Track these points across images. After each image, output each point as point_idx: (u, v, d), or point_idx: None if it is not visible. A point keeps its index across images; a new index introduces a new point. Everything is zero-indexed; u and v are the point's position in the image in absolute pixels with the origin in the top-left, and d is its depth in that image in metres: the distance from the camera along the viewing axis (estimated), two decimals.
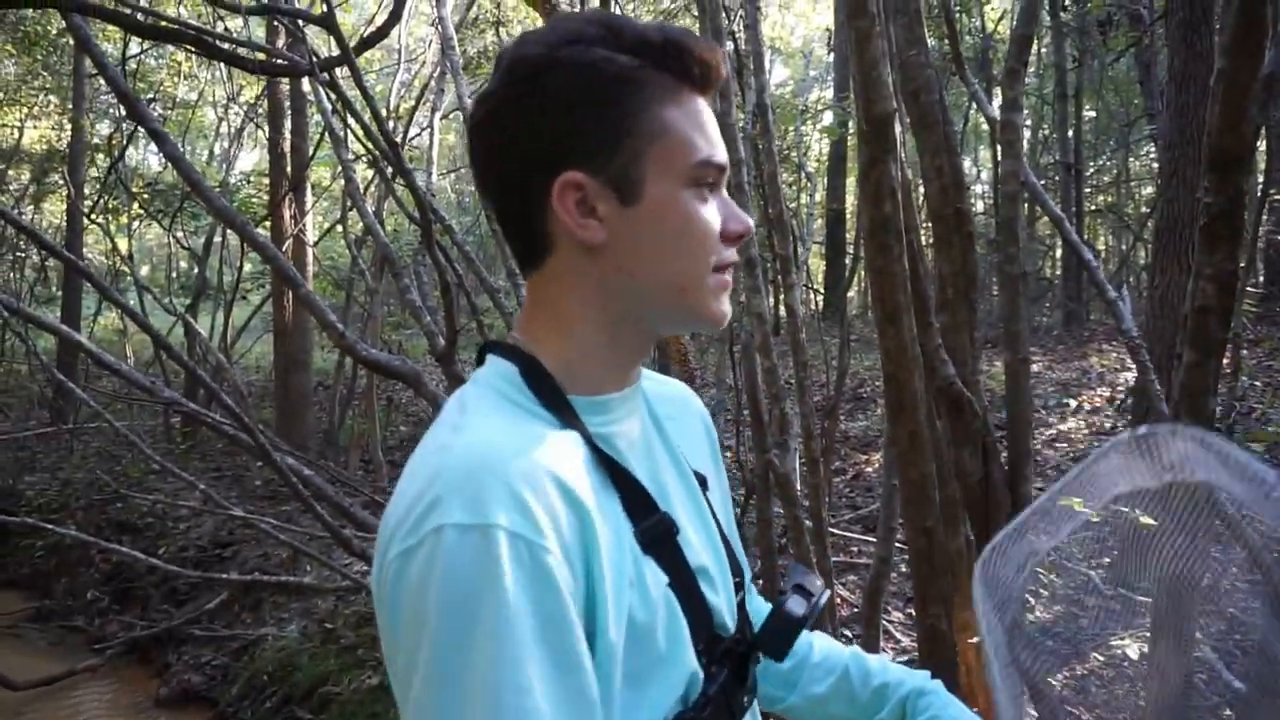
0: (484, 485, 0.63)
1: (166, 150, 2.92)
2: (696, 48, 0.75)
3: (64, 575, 5.62)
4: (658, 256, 0.76)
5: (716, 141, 0.77)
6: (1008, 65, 2.13)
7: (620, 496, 0.74)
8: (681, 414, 0.95)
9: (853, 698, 0.99)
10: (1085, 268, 2.25)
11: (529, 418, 0.73)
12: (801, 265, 4.95)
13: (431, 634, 0.61)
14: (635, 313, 0.78)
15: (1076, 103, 10.66)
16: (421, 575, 0.62)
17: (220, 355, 7.15)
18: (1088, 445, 5.99)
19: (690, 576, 0.76)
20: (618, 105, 0.73)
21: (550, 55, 0.73)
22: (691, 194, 0.76)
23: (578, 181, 0.74)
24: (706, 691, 0.75)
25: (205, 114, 12.40)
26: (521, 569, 0.62)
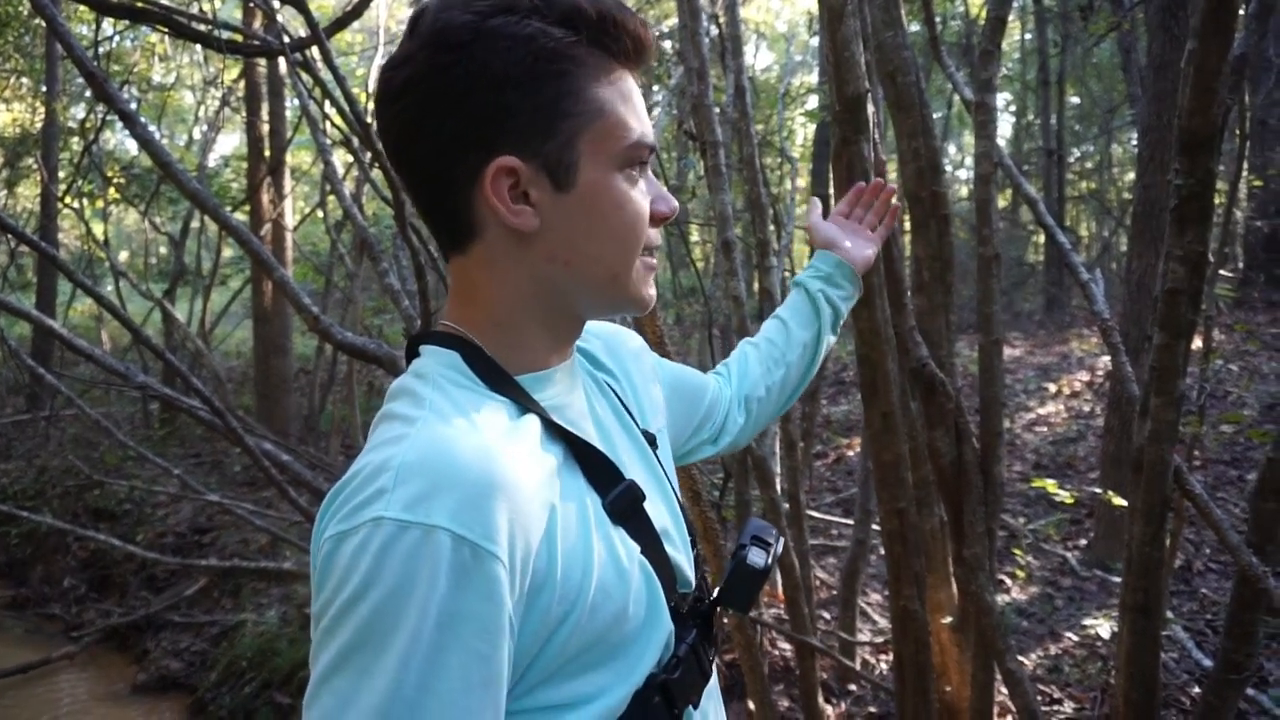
0: (435, 483, 0.61)
1: (136, 133, 2.86)
2: (630, 22, 0.72)
3: (40, 563, 5.57)
4: (592, 244, 0.73)
5: (646, 120, 0.75)
6: (981, 47, 2.12)
7: (582, 469, 0.73)
8: (625, 359, 0.95)
9: (788, 345, 1.19)
10: (1059, 251, 2.26)
11: (484, 402, 0.71)
12: (783, 250, 4.94)
13: (350, 623, 0.59)
14: (567, 299, 0.76)
15: (1059, 89, 10.69)
16: (351, 562, 0.60)
17: (199, 341, 7.08)
18: (1066, 429, 6.05)
19: (658, 541, 0.76)
20: (553, 84, 0.69)
21: (479, 24, 0.68)
22: (623, 177, 0.74)
23: (511, 166, 0.70)
24: (677, 652, 0.75)
25: (184, 98, 12.25)
26: (461, 574, 0.60)
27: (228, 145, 17.15)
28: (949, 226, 2.33)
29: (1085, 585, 3.84)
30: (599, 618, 0.68)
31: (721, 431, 1.11)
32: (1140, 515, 1.93)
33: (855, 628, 3.28)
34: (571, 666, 0.68)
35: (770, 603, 3.56)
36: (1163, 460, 1.89)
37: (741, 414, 1.13)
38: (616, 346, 0.96)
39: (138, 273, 13.84)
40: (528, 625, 0.65)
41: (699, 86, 2.91)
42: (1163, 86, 3.89)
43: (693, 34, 2.87)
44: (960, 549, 2.14)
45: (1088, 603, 3.63)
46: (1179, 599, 3.52)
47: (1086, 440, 5.67)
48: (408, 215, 2.42)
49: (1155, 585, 1.95)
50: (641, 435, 0.86)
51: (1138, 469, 1.94)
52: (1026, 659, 3.18)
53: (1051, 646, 3.28)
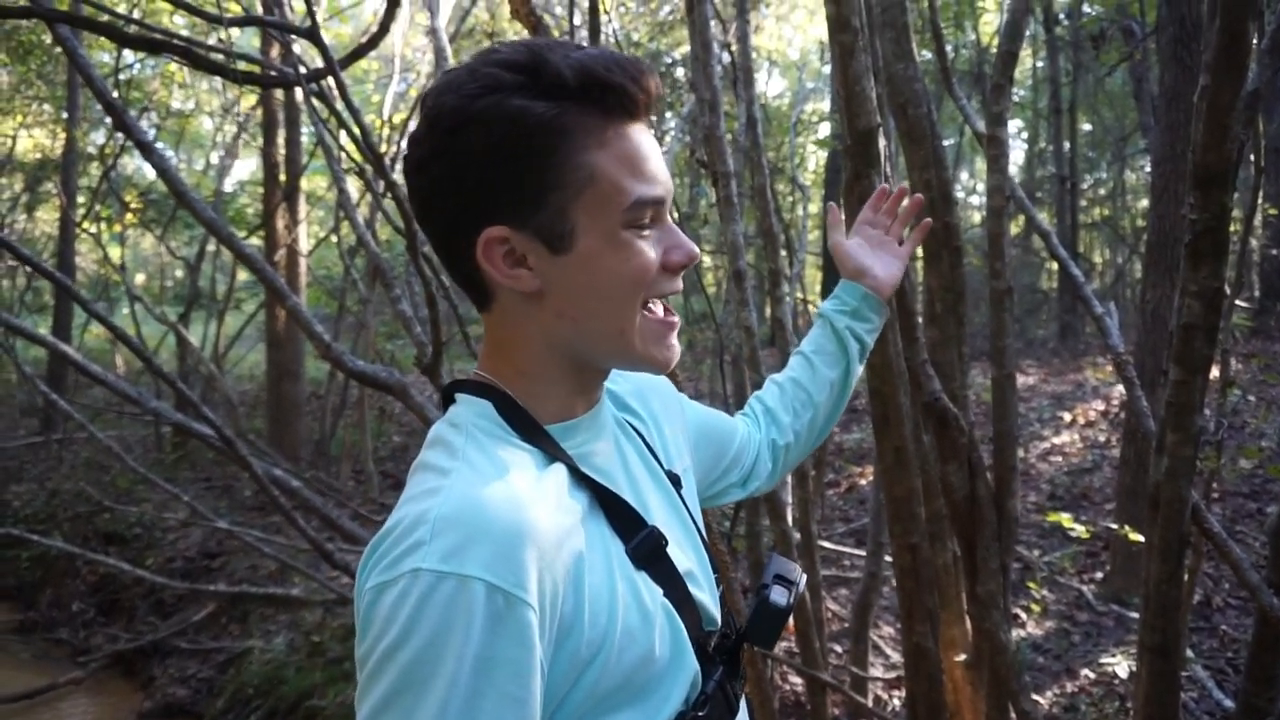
0: (470, 535, 0.65)
1: (153, 161, 2.90)
2: (617, 78, 0.72)
3: (49, 586, 5.57)
4: (595, 302, 0.76)
5: (652, 174, 0.75)
6: (993, 81, 2.12)
7: (606, 517, 0.76)
8: (654, 404, 0.97)
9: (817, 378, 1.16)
10: (1072, 282, 2.24)
11: (515, 452, 0.74)
12: (795, 278, 4.94)
13: (392, 670, 0.62)
14: (583, 354, 0.79)
15: (1070, 116, 10.70)
16: (391, 611, 0.63)
17: (211, 365, 7.11)
18: (1081, 459, 5.98)
19: (682, 584, 0.78)
20: (538, 157, 0.72)
21: (467, 108, 0.72)
22: (625, 236, 0.75)
23: (502, 236, 0.74)
24: (705, 690, 0.77)
25: (204, 124, 12.42)
26: (495, 621, 0.63)
27: (245, 170, 17.35)
28: (961, 258, 2.32)
29: (1102, 620, 3.77)
30: (625, 660, 0.70)
31: (750, 475, 1.11)
32: (1157, 553, 1.90)
33: (868, 662, 3.23)
34: (600, 707, 0.70)
35: (783, 635, 3.52)
36: (1180, 498, 1.86)
37: (770, 459, 1.12)
38: (644, 389, 0.97)
39: (154, 296, 13.97)
40: (556, 667, 0.68)
41: (710, 119, 2.92)
42: (1175, 117, 3.89)
43: (704, 66, 2.88)
44: (974, 585, 2.11)
45: (1105, 639, 3.57)
46: (1199, 636, 3.45)
47: (1102, 471, 5.60)
48: (419, 244, 2.43)
49: (1174, 625, 1.91)
50: (667, 477, 0.89)
51: (1154, 506, 1.91)
52: (1042, 697, 3.12)
53: (1068, 684, 3.22)
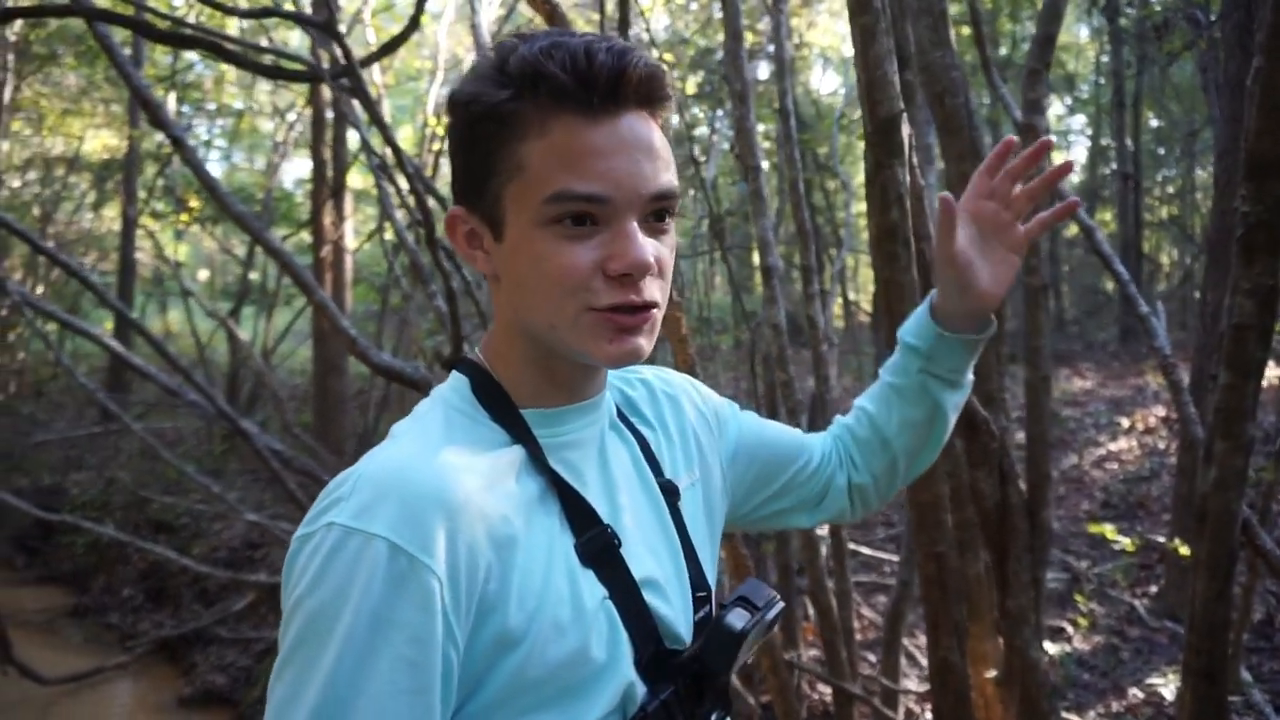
0: (382, 495, 0.66)
1: (185, 156, 2.94)
2: (550, 70, 0.69)
3: (102, 572, 5.74)
4: (523, 293, 0.76)
5: (592, 170, 0.70)
6: (1029, 66, 2.01)
7: (561, 508, 0.75)
8: (666, 408, 0.93)
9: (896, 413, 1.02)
10: (1118, 280, 2.12)
11: (471, 427, 0.75)
12: (837, 275, 4.82)
13: (298, 619, 0.65)
14: (540, 341, 0.77)
15: (1135, 111, 10.30)
16: (305, 563, 0.66)
17: (259, 359, 7.26)
18: (1139, 467, 5.73)
19: (632, 588, 0.76)
20: (483, 143, 0.74)
21: (454, 95, 0.76)
22: (549, 231, 0.72)
23: (460, 215, 0.78)
24: (645, 706, 0.74)
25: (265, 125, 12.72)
26: (396, 581, 0.64)
27: (302, 169, 17.75)
28: None
29: (1154, 637, 3.59)
30: (551, 654, 0.69)
31: (818, 506, 1.03)
32: (1204, 570, 1.78)
33: (899, 674, 3.12)
34: (525, 699, 0.69)
35: (814, 643, 3.42)
36: (1229, 510, 1.74)
37: (845, 498, 1.04)
38: (662, 394, 0.94)
39: (213, 291, 14.36)
40: (476, 645, 0.67)
41: (740, 110, 2.85)
42: (1238, 108, 3.68)
43: (734, 57, 2.81)
44: (1005, 598, 2.00)
45: (1157, 656, 3.39)
46: (1258, 657, 3.26)
47: (1160, 480, 5.36)
48: (438, 238, 2.41)
49: (1221, 647, 1.79)
50: (660, 487, 0.86)
51: (1201, 519, 1.79)
52: (1084, 716, 2.98)
53: (1114, 703, 3.06)
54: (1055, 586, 4.08)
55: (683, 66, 9.71)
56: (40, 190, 10.70)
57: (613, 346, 0.73)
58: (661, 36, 9.76)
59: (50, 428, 8.56)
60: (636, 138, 0.72)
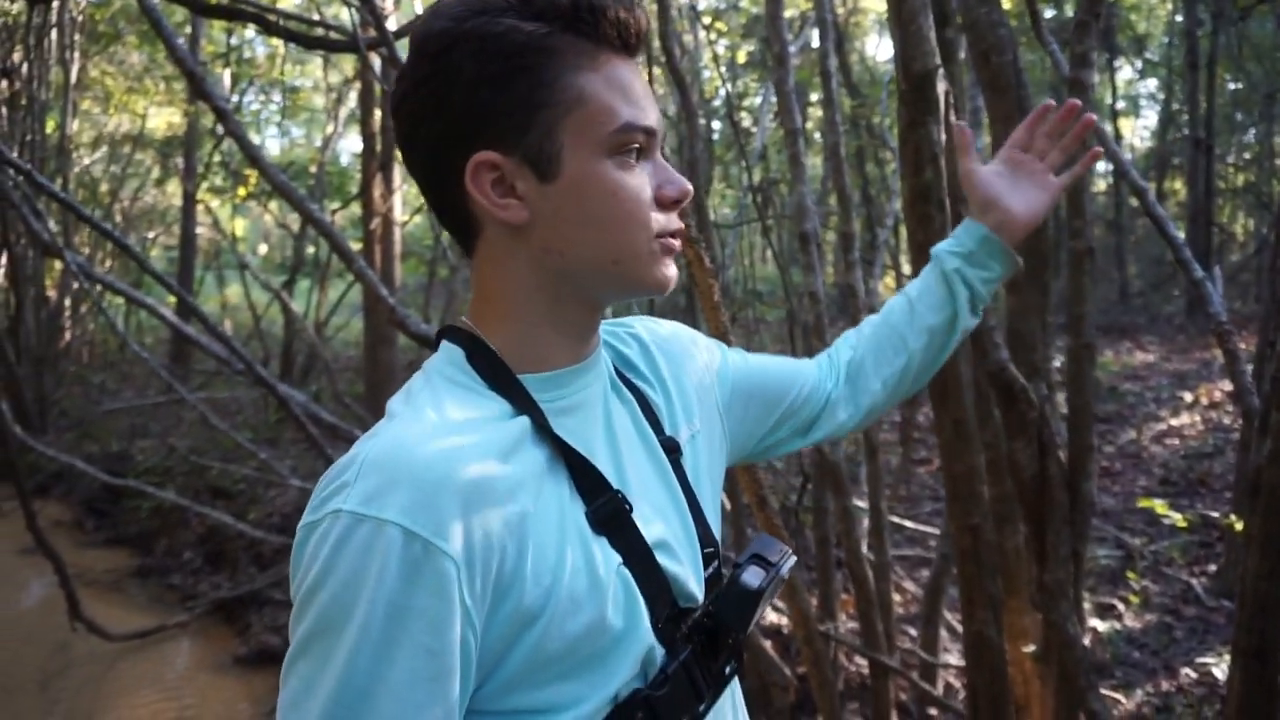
0: (391, 479, 0.64)
1: (229, 128, 2.98)
2: (609, 7, 0.71)
3: (164, 535, 5.94)
4: (584, 232, 0.73)
5: (642, 104, 0.73)
6: (1078, 18, 1.91)
7: (569, 476, 0.73)
8: (660, 361, 0.91)
9: (917, 327, 1.03)
10: (1171, 245, 2.02)
11: (472, 399, 0.73)
12: (883, 245, 4.72)
13: (310, 611, 0.63)
14: (572, 288, 0.76)
15: (1209, 73, 9.80)
16: (313, 552, 0.64)
17: (311, 331, 7.40)
18: (1201, 443, 5.53)
19: (646, 553, 0.75)
20: (527, 77, 0.70)
21: (455, 30, 0.70)
22: (614, 163, 0.72)
23: (492, 161, 0.72)
24: (666, 669, 0.74)
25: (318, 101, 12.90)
26: (410, 567, 0.62)
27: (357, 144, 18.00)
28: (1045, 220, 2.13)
29: (1211, 617, 3.47)
30: (570, 626, 0.68)
31: (813, 426, 1.03)
32: (1257, 546, 1.70)
33: (939, 648, 3.07)
34: (544, 674, 0.68)
35: (853, 615, 3.38)
36: None
37: (846, 409, 1.03)
38: (660, 348, 0.92)
39: (271, 265, 14.69)
40: (494, 625, 0.66)
41: (780, 72, 2.78)
42: None
43: (772, 17, 2.74)
44: (1042, 572, 1.94)
45: (1212, 636, 3.28)
46: None
47: (1224, 456, 5.16)
48: None
49: (1274, 626, 1.71)
50: (661, 445, 0.84)
51: (1254, 493, 1.71)
52: (1133, 695, 2.89)
53: (1164, 682, 2.97)
54: (1109, 563, 3.97)
55: (734, 35, 9.54)
56: (108, 167, 11.03)
57: (668, 272, 0.77)
58: (712, 4, 9.61)
59: (119, 396, 8.89)
60: (646, 81, 0.76)
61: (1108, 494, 4.81)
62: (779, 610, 3.28)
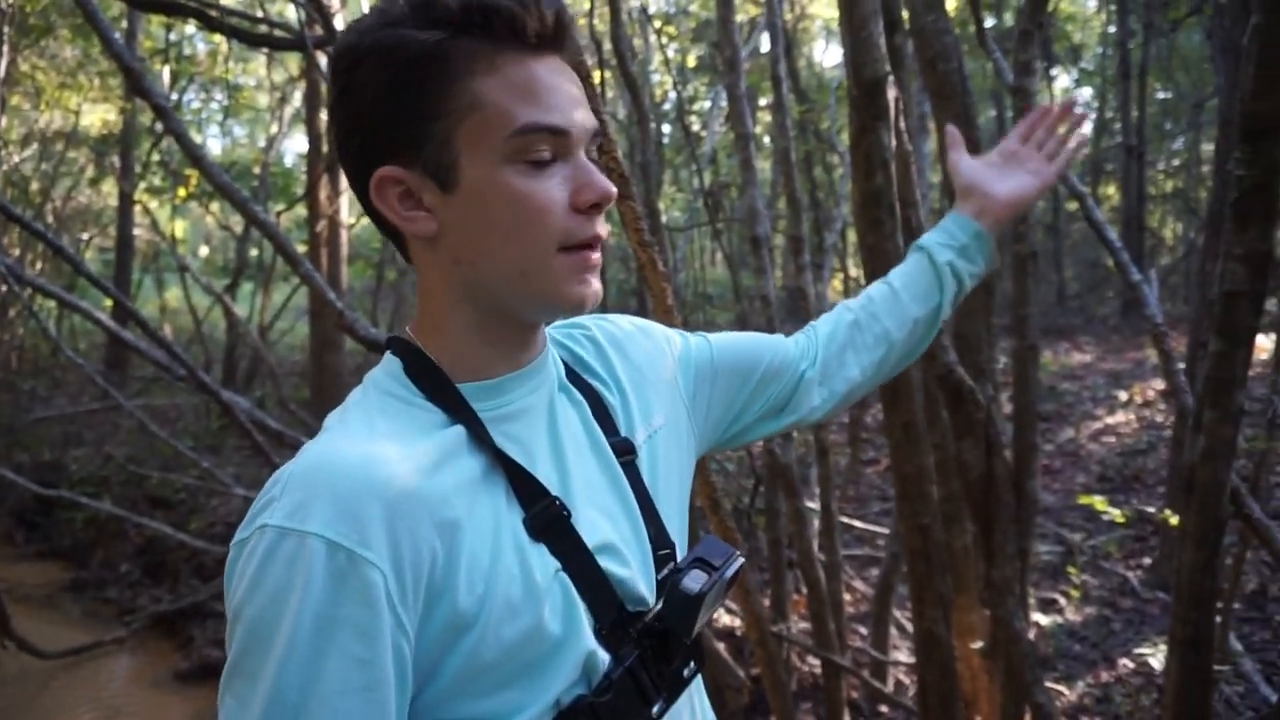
0: (314, 493, 0.64)
1: (170, 126, 2.89)
2: (502, 5, 0.69)
3: (101, 547, 5.75)
4: (489, 241, 0.71)
5: (550, 104, 0.70)
6: (1020, 27, 1.96)
7: (507, 483, 0.73)
8: (615, 360, 0.89)
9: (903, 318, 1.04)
10: (1109, 248, 2.08)
11: (405, 410, 0.72)
12: (831, 249, 4.78)
13: (240, 628, 0.63)
14: (488, 301, 0.75)
15: (1141, 82, 10.15)
16: (242, 568, 0.64)
17: (255, 336, 7.24)
18: (1136, 440, 5.71)
19: (587, 558, 0.74)
20: (420, 87, 0.69)
21: (359, 44, 0.70)
22: (516, 169, 0.70)
23: (394, 176, 0.71)
24: (610, 675, 0.73)
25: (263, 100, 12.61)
26: (335, 578, 0.62)
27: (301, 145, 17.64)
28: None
29: (1146, 608, 3.58)
30: (506, 633, 0.68)
31: (786, 408, 1.01)
32: (1191, 540, 1.76)
33: (889, 646, 3.12)
34: (482, 682, 0.68)
35: (805, 616, 3.42)
36: (1217, 480, 1.72)
37: (821, 393, 1.01)
38: (615, 345, 0.90)
39: (213, 268, 14.32)
40: (427, 632, 0.66)
41: (731, 76, 2.80)
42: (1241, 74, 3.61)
43: (723, 21, 2.76)
44: (990, 570, 1.98)
45: (1148, 627, 3.38)
46: (1250, 627, 3.25)
47: (1157, 452, 5.33)
48: None
49: (1207, 617, 1.77)
50: (613, 447, 0.83)
51: (1189, 489, 1.77)
52: (1074, 686, 2.97)
53: (1104, 674, 3.06)
54: (1050, 559, 4.08)
55: (683, 39, 9.59)
56: (39, 165, 10.63)
57: (581, 289, 0.74)
58: (661, 9, 9.65)
59: (50, 404, 8.57)
60: (570, 77, 0.73)
61: (1048, 491, 4.94)
62: (732, 612, 3.30)
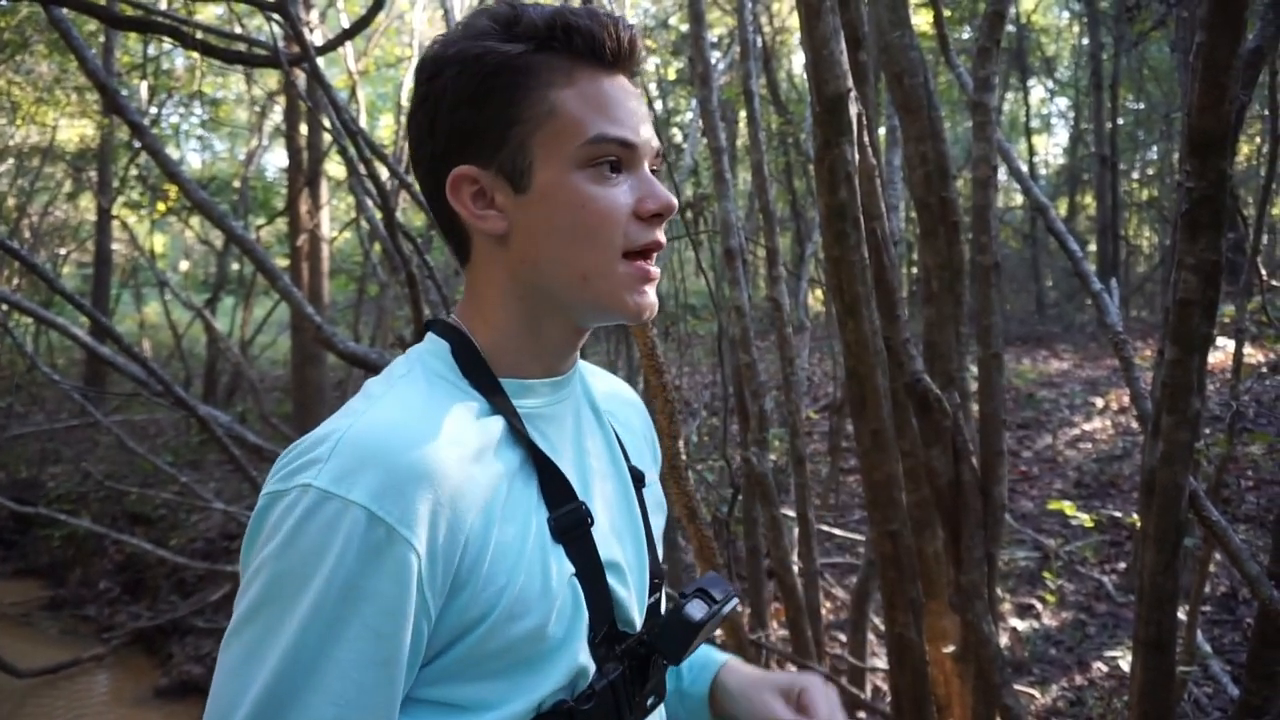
0: (365, 462, 0.64)
1: (146, 143, 2.92)
2: (584, 24, 0.74)
3: (79, 565, 5.72)
4: (554, 242, 0.74)
5: (620, 118, 0.75)
6: (979, 44, 2.01)
7: (538, 481, 0.75)
8: (624, 412, 0.94)
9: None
10: (1070, 258, 2.13)
11: (454, 394, 0.74)
12: (809, 259, 4.84)
13: (264, 579, 0.64)
14: (547, 302, 0.77)
15: (1113, 93, 10.32)
16: (277, 522, 0.64)
17: (236, 350, 7.21)
18: (1112, 446, 5.78)
19: (598, 569, 0.76)
20: (501, 94, 0.73)
21: (443, 54, 0.75)
22: (586, 175, 0.74)
23: (470, 175, 0.75)
24: (594, 686, 0.75)
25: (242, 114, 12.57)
26: (371, 550, 0.63)
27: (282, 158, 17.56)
28: (959, 234, 2.22)
29: (1121, 612, 3.63)
30: (514, 628, 0.69)
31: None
32: (1152, 543, 1.80)
33: (866, 653, 3.15)
34: (479, 669, 0.69)
35: (784, 624, 3.44)
36: (1175, 484, 1.76)
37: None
38: (619, 396, 0.95)
39: (194, 283, 14.23)
40: (447, 618, 0.67)
41: (703, 91, 2.84)
42: None
43: (695, 37, 2.80)
44: (959, 575, 2.02)
45: (1121, 631, 3.43)
46: (1220, 629, 3.31)
47: (1132, 458, 5.41)
48: (397, 224, 2.40)
49: (1169, 618, 1.81)
50: (629, 471, 0.87)
51: (1149, 492, 1.82)
52: (1049, 689, 3.02)
53: (1078, 677, 3.10)
54: (1027, 564, 4.12)
55: (664, 52, 9.66)
56: (15, 180, 10.55)
57: (640, 299, 0.77)
58: (641, 21, 9.72)
59: (28, 420, 8.49)
60: (638, 96, 0.78)
61: (1026, 497, 5.00)
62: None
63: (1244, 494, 4.33)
